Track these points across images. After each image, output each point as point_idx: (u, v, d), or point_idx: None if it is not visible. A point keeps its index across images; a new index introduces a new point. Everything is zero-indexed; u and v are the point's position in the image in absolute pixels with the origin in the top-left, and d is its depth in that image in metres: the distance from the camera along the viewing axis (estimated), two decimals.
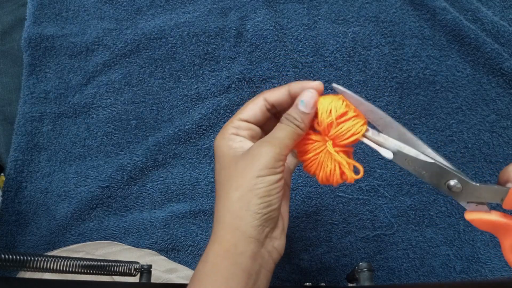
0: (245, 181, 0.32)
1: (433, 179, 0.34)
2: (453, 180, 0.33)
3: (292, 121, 0.34)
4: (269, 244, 0.34)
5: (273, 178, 0.32)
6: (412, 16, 0.68)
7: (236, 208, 0.32)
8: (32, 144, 0.68)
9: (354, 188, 0.63)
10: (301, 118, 0.35)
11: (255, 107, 0.37)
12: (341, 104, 0.35)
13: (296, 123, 0.34)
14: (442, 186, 0.33)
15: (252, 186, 0.32)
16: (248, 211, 0.32)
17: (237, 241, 0.32)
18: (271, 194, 0.32)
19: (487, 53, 0.64)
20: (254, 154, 0.33)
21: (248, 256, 0.32)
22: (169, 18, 0.71)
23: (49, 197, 0.66)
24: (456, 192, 0.33)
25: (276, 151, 0.33)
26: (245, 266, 0.32)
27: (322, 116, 0.35)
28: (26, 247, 0.64)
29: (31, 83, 0.70)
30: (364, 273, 0.43)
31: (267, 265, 0.34)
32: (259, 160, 0.32)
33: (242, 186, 0.32)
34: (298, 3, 0.70)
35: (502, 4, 0.67)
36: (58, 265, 0.36)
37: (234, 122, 0.36)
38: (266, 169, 0.32)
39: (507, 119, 0.63)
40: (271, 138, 0.34)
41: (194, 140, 0.67)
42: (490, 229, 0.33)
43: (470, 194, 0.33)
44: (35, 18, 0.72)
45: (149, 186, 0.66)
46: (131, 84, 0.70)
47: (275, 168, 0.33)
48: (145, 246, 0.63)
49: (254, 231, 0.32)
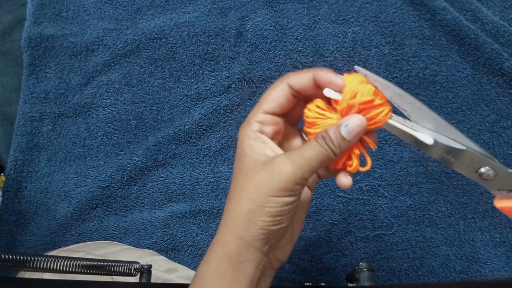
0: (258, 196, 0.31)
1: (463, 167, 0.32)
2: (485, 167, 0.31)
3: (327, 143, 0.31)
4: (272, 253, 0.34)
5: (287, 200, 0.31)
6: (412, 16, 0.68)
7: (244, 220, 0.31)
8: (32, 144, 0.68)
9: (354, 188, 0.63)
10: (338, 143, 0.31)
11: (280, 95, 0.33)
12: (368, 89, 0.32)
13: (331, 146, 0.31)
14: (473, 174, 0.32)
15: (264, 203, 0.30)
16: (255, 225, 0.31)
17: (241, 249, 0.32)
18: (282, 214, 0.31)
19: (487, 53, 0.64)
20: (275, 170, 0.31)
21: (251, 264, 0.32)
22: (169, 18, 0.71)
23: (49, 197, 0.66)
24: (487, 179, 0.32)
25: (299, 174, 0.30)
26: (248, 273, 0.32)
27: (345, 96, 0.32)
28: (26, 247, 0.64)
29: (31, 83, 0.70)
30: (364, 273, 0.43)
31: (268, 272, 0.34)
32: (278, 180, 0.30)
33: (254, 200, 0.31)
34: (298, 3, 0.70)
35: (502, 4, 0.67)
36: (58, 265, 0.36)
37: (258, 116, 0.33)
38: (283, 191, 0.30)
39: (507, 119, 0.63)
40: (298, 156, 0.31)
41: (194, 140, 0.67)
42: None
43: (502, 181, 0.31)
44: (35, 18, 0.72)
45: (149, 186, 0.66)
46: (131, 84, 0.70)
47: (292, 191, 0.31)
48: (145, 246, 0.63)
49: (258, 243, 0.32)
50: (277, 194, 0.30)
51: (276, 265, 0.35)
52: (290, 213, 0.31)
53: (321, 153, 0.31)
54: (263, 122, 0.33)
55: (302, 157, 0.31)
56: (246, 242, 0.31)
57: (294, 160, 0.31)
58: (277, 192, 0.30)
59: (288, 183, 0.30)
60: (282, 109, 0.33)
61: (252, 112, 0.34)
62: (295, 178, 0.30)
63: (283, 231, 0.32)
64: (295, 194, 0.31)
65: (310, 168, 0.31)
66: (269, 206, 0.30)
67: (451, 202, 0.61)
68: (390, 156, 0.63)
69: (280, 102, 0.33)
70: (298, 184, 0.31)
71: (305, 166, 0.30)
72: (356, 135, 0.31)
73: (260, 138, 0.33)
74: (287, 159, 0.31)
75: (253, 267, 0.32)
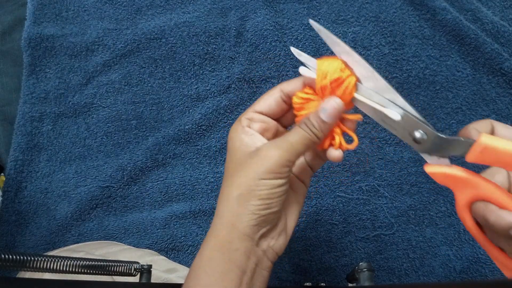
0: (248, 181, 0.32)
1: (399, 129, 0.33)
2: (419, 131, 0.32)
3: (309, 127, 0.33)
4: (264, 243, 0.34)
5: (275, 183, 0.32)
6: (412, 16, 0.68)
7: (234, 206, 0.32)
8: (32, 144, 0.68)
9: (354, 188, 0.63)
10: (319, 126, 0.33)
11: (270, 98, 0.36)
12: (335, 67, 0.33)
13: (313, 130, 0.33)
14: (407, 137, 0.33)
15: (253, 187, 0.32)
16: (246, 210, 0.32)
17: (232, 238, 0.32)
18: (271, 197, 0.32)
19: (487, 53, 0.64)
20: (261, 156, 0.32)
21: (242, 253, 0.32)
22: (169, 18, 0.71)
23: (49, 197, 0.66)
24: (421, 144, 0.33)
25: (284, 156, 0.32)
26: (240, 262, 0.32)
27: (317, 79, 0.34)
28: (26, 247, 0.64)
29: (31, 83, 0.70)
30: (364, 273, 0.43)
31: (262, 263, 0.34)
32: (265, 163, 0.32)
33: (244, 185, 0.32)
34: (298, 3, 0.70)
35: (502, 4, 0.67)
36: (58, 265, 0.36)
37: (248, 114, 0.36)
38: (270, 173, 0.32)
39: (507, 119, 0.63)
40: (282, 141, 0.33)
41: (194, 140, 0.67)
42: (449, 183, 0.33)
43: (434, 147, 0.32)
44: (35, 18, 0.72)
45: (149, 186, 0.66)
46: (131, 84, 0.70)
47: (280, 173, 0.32)
48: (145, 246, 0.63)
49: (249, 230, 0.32)
50: (265, 176, 0.32)
51: (272, 257, 0.35)
52: (280, 197, 0.33)
53: (305, 138, 0.33)
54: (251, 119, 0.36)
55: (288, 141, 0.33)
56: (237, 230, 0.32)
57: (279, 145, 0.33)
58: (265, 175, 0.32)
59: (275, 166, 0.32)
60: (271, 112, 0.36)
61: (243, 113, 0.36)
62: (281, 161, 0.32)
63: (274, 217, 0.33)
64: (283, 177, 0.32)
65: (295, 151, 0.33)
66: (259, 189, 0.32)
67: (451, 202, 0.61)
68: (390, 156, 0.63)
69: (269, 105, 0.36)
70: (285, 167, 0.32)
71: (291, 150, 0.32)
72: (334, 117, 0.33)
73: (248, 132, 0.35)
74: (273, 144, 0.33)
75: (244, 256, 0.32)
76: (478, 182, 0.31)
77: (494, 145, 0.29)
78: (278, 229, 0.35)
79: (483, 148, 0.29)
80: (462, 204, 0.32)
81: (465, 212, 0.33)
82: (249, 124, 0.35)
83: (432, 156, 0.33)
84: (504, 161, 0.29)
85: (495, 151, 0.29)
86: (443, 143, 0.32)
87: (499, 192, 0.30)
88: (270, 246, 0.34)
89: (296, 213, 0.37)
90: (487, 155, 0.29)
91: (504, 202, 0.30)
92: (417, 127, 0.32)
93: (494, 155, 0.29)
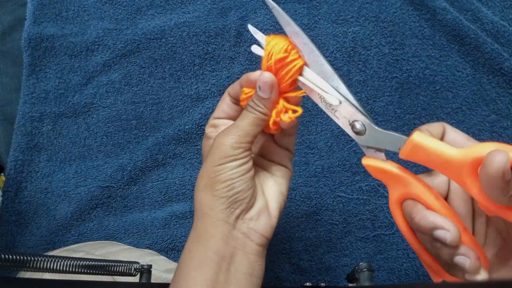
0: (207, 170, 0.34)
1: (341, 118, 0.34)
2: (358, 122, 0.33)
3: (253, 107, 0.35)
4: (243, 225, 0.34)
5: (233, 164, 0.34)
6: (412, 16, 0.68)
7: (203, 195, 0.34)
8: (32, 144, 0.68)
9: (354, 188, 0.63)
10: (261, 103, 0.35)
11: (223, 103, 0.39)
12: (281, 47, 0.34)
13: (257, 109, 0.35)
14: (347, 126, 0.34)
15: (213, 174, 0.34)
16: (213, 197, 0.33)
17: (207, 226, 0.33)
18: (233, 178, 0.33)
19: (487, 53, 0.64)
20: (215, 145, 0.34)
21: (219, 238, 0.33)
22: (169, 18, 0.71)
23: (49, 197, 0.66)
24: (359, 134, 0.33)
25: (234, 139, 0.34)
26: (217, 248, 0.33)
27: (264, 59, 0.35)
28: (26, 247, 0.64)
29: (31, 83, 0.70)
30: (364, 273, 0.43)
31: (244, 247, 0.34)
32: (217, 152, 0.34)
33: (206, 175, 0.34)
34: (298, 3, 0.70)
35: (502, 4, 0.67)
36: (58, 265, 0.36)
37: (209, 122, 0.40)
38: (224, 158, 0.34)
39: (507, 119, 0.63)
40: (232, 127, 0.35)
41: (194, 140, 0.67)
42: (383, 178, 0.33)
43: (371, 139, 0.33)
44: (35, 18, 0.72)
45: (149, 186, 0.66)
46: (131, 84, 0.70)
47: (235, 156, 0.34)
48: (145, 246, 0.63)
49: (222, 214, 0.33)
50: (220, 162, 0.34)
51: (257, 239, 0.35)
52: (242, 176, 0.34)
53: (252, 118, 0.35)
54: (215, 125, 0.39)
55: (236, 125, 0.35)
56: (210, 217, 0.33)
57: (228, 131, 0.35)
58: (220, 161, 0.34)
59: (227, 150, 0.34)
60: (228, 115, 0.39)
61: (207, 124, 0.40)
62: (231, 144, 0.34)
63: (243, 196, 0.34)
64: (238, 158, 0.34)
65: (245, 133, 0.34)
66: (219, 174, 0.33)
67: None
68: (390, 156, 0.63)
69: (223, 109, 0.39)
70: (237, 149, 0.34)
71: (239, 132, 0.34)
72: (271, 90, 0.34)
73: (212, 136, 0.38)
74: (222, 132, 0.35)
75: (221, 241, 0.33)
76: (410, 180, 0.31)
77: (425, 144, 0.29)
78: (256, 209, 0.35)
79: (414, 146, 0.29)
80: (393, 201, 0.32)
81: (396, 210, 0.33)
82: (213, 130, 0.39)
83: (369, 149, 0.33)
84: (433, 161, 0.29)
85: (425, 150, 0.29)
86: (379, 137, 0.32)
87: (428, 192, 0.30)
88: (250, 227, 0.34)
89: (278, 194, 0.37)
90: (418, 153, 0.29)
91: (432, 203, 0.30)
92: (357, 118, 0.33)
93: (424, 153, 0.29)
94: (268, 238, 0.36)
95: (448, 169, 0.28)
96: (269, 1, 0.34)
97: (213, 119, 0.40)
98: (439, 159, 0.28)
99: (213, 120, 0.39)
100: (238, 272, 0.33)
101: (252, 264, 0.34)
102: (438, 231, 0.28)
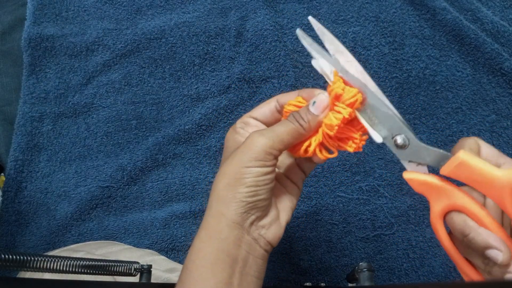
0: (234, 169, 0.33)
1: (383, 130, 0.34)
2: (401, 136, 0.33)
3: (297, 118, 0.34)
4: (255, 231, 0.34)
5: (261, 170, 0.33)
6: (412, 16, 0.68)
7: (222, 194, 0.33)
8: (32, 144, 0.68)
9: (354, 188, 0.63)
10: (307, 118, 0.34)
11: (266, 106, 0.38)
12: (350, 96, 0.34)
13: (300, 122, 0.34)
14: (389, 140, 0.33)
15: (239, 175, 0.33)
16: (233, 198, 0.33)
17: (221, 227, 0.33)
18: (258, 184, 0.33)
19: (487, 53, 0.64)
20: (247, 144, 0.33)
21: (232, 241, 0.32)
22: (169, 18, 0.71)
23: (49, 197, 0.66)
24: (401, 148, 0.33)
25: (269, 143, 0.33)
26: (229, 251, 0.32)
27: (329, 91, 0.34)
28: (26, 247, 0.64)
29: (31, 83, 0.70)
30: (364, 273, 0.43)
31: (255, 252, 0.34)
32: (249, 151, 0.33)
33: (231, 174, 0.33)
34: (298, 3, 0.70)
35: (502, 4, 0.67)
36: (58, 265, 0.36)
37: (244, 118, 0.38)
38: (255, 161, 0.33)
39: (507, 119, 0.63)
40: (269, 130, 0.34)
41: (194, 140, 0.67)
42: (425, 191, 0.33)
43: (413, 153, 0.33)
44: (35, 18, 0.72)
45: (149, 186, 0.66)
46: (131, 84, 0.70)
47: (265, 161, 0.33)
48: (145, 246, 0.63)
49: (238, 218, 0.33)
50: (250, 164, 0.32)
51: (264, 245, 0.35)
52: (266, 185, 0.33)
53: (291, 128, 0.34)
54: (246, 123, 0.38)
55: (273, 130, 0.34)
56: (226, 218, 0.33)
57: (265, 134, 0.34)
58: (250, 163, 0.32)
59: (260, 153, 0.33)
60: (265, 119, 0.38)
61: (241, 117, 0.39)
62: (265, 148, 0.33)
63: (262, 204, 0.34)
64: (268, 165, 0.33)
65: (280, 140, 0.33)
66: (245, 177, 0.32)
67: None
68: (390, 156, 0.63)
69: (263, 112, 0.38)
70: (269, 154, 0.33)
71: (275, 138, 0.33)
72: (323, 110, 0.34)
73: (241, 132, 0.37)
74: (258, 132, 0.34)
75: (234, 245, 0.33)
76: (454, 192, 0.31)
77: (471, 163, 0.29)
78: (269, 218, 0.35)
79: (459, 163, 0.30)
80: (436, 214, 0.33)
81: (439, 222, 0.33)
82: (244, 127, 0.38)
83: (410, 163, 0.33)
84: (475, 180, 0.29)
85: (470, 169, 0.29)
86: (422, 151, 0.32)
87: (474, 204, 0.30)
88: (261, 234, 0.34)
89: (288, 209, 0.37)
90: (462, 170, 0.30)
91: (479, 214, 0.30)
92: (399, 132, 0.33)
93: (468, 172, 0.29)
94: (274, 246, 0.36)
95: (490, 189, 0.29)
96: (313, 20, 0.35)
97: (248, 117, 0.38)
98: (483, 178, 0.29)
99: (247, 117, 0.38)
100: (248, 275, 0.33)
101: (259, 268, 0.34)
102: (490, 251, 0.29)
